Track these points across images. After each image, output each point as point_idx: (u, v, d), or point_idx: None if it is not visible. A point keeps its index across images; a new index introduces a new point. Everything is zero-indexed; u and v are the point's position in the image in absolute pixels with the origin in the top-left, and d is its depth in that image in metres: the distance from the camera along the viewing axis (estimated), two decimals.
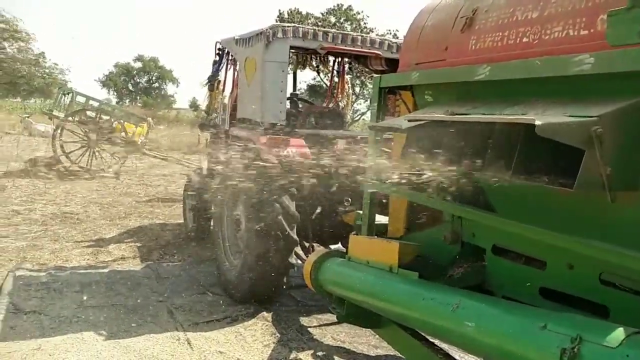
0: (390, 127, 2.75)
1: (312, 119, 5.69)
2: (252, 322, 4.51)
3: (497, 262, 2.44)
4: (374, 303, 2.72)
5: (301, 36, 4.94)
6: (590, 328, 1.56)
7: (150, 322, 4.33)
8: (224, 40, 6.13)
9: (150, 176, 12.77)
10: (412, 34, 3.21)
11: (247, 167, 4.57)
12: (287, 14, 32.08)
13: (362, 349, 4.15)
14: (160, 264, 5.97)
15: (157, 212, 8.67)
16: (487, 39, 2.58)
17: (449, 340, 2.30)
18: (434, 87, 2.90)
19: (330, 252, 3.36)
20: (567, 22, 2.15)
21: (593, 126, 1.73)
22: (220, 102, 6.47)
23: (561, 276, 2.08)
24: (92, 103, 12.81)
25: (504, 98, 2.37)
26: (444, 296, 2.17)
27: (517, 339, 1.73)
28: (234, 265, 5.03)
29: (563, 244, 1.99)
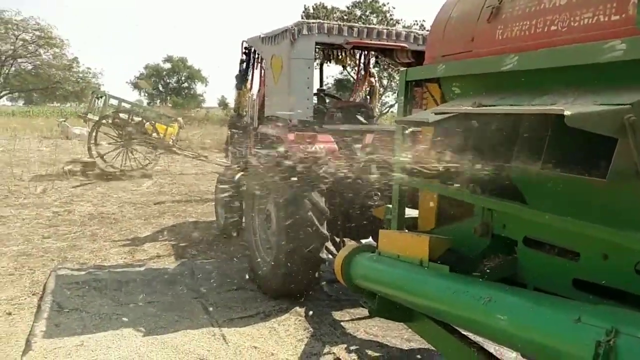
0: (417, 120, 2.73)
1: (339, 114, 5.70)
2: (285, 317, 4.57)
3: (528, 254, 2.41)
4: (405, 297, 2.73)
5: (326, 32, 4.95)
6: (625, 320, 1.53)
7: (186, 318, 4.44)
8: (250, 39, 6.19)
9: (182, 175, 13.01)
10: (438, 25, 3.18)
11: (276, 163, 4.62)
12: (312, 9, 32.05)
13: (395, 342, 4.16)
14: (194, 261, 6.09)
15: (189, 211, 8.84)
16: (514, 28, 2.54)
17: (481, 333, 2.28)
18: (461, 79, 2.87)
19: (361, 247, 3.38)
20: (597, 7, 2.09)
21: (626, 114, 1.69)
22: (249, 101, 6.55)
23: (595, 267, 2.05)
24: (124, 105, 13.11)
25: (532, 88, 2.33)
26: (475, 289, 2.16)
27: (551, 332, 1.72)
28: (265, 261, 5.10)
29: (597, 234, 1.95)
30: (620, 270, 1.94)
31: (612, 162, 1.72)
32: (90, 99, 14.11)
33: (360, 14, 32.78)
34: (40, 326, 4.13)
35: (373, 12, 32.90)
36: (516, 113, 2.06)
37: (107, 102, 13.19)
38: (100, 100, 13.42)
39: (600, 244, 2.02)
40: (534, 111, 1.95)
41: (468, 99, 2.70)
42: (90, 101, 13.94)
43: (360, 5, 33.02)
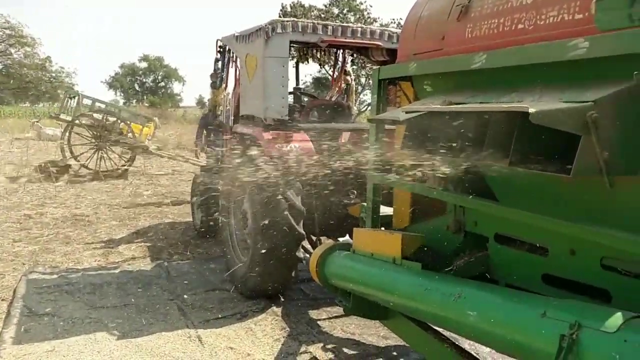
0: (389, 119, 2.74)
1: (315, 113, 5.69)
2: (262, 317, 4.54)
3: (499, 250, 2.44)
4: (378, 295, 2.74)
5: (300, 30, 4.93)
6: (589, 314, 1.56)
7: (162, 320, 4.38)
8: (224, 37, 6.14)
9: (158, 175, 12.85)
10: (409, 24, 3.20)
11: (251, 163, 4.59)
12: (289, 7, 31.97)
13: (371, 340, 4.17)
14: (170, 262, 6.02)
15: (166, 212, 8.74)
16: (483, 26, 2.56)
17: (453, 329, 2.30)
18: (433, 77, 2.89)
19: (335, 245, 3.38)
20: (561, 6, 2.13)
21: (588, 111, 1.72)
22: (224, 100, 6.50)
23: (563, 262, 2.08)
24: (99, 105, 12.89)
25: (501, 86, 2.36)
26: (447, 286, 2.18)
27: (518, 327, 1.74)
28: (242, 261, 5.07)
29: (565, 230, 1.99)
30: (587, 265, 1.97)
31: (576, 158, 1.74)
32: (63, 98, 13.82)
33: (337, 12, 32.81)
34: (9, 332, 4.03)
35: (350, 10, 32.98)
36: (484, 111, 2.07)
37: (80, 102, 12.95)
38: (73, 100, 13.16)
39: (567, 240, 2.06)
40: (499, 109, 1.97)
41: (439, 97, 2.72)
42: (63, 101, 13.65)
43: (337, 3, 33.06)
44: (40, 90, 39.92)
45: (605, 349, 1.43)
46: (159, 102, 45.87)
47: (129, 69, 52.91)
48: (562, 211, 2.07)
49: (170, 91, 54.67)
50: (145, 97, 51.34)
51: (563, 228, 1.98)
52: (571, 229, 1.96)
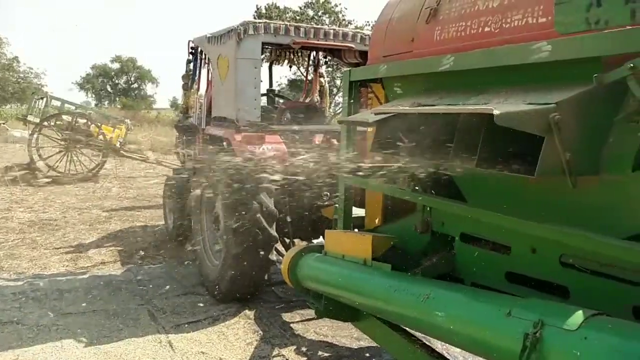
0: (359, 121, 2.74)
1: (288, 115, 5.67)
2: (235, 321, 4.50)
3: (465, 250, 2.47)
4: (349, 297, 2.74)
5: (273, 32, 4.92)
6: (552, 312, 1.58)
7: (132, 326, 4.30)
8: (196, 38, 6.08)
9: (130, 178, 12.64)
10: (380, 26, 3.21)
11: (223, 165, 4.55)
12: (264, 9, 31.87)
13: (344, 342, 4.17)
14: (141, 266, 5.92)
15: (137, 215, 8.59)
16: (451, 29, 2.59)
17: (422, 330, 2.32)
18: (402, 79, 2.91)
19: (307, 248, 3.37)
20: (526, 10, 2.16)
21: (551, 113, 1.75)
22: (196, 102, 6.43)
23: (525, 260, 2.12)
24: (68, 107, 12.61)
25: (468, 88, 2.39)
26: (415, 287, 2.19)
27: (484, 327, 1.76)
28: (215, 264, 5.02)
29: (525, 229, 2.02)
30: (547, 263, 2.01)
31: (539, 159, 1.77)
32: (31, 100, 13.47)
33: (312, 14, 32.85)
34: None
35: (325, 13, 33.03)
36: (450, 112, 2.09)
37: (49, 104, 12.64)
38: (41, 101, 12.84)
39: (529, 238, 2.09)
40: (464, 111, 1.99)
41: (409, 98, 2.74)
42: (30, 102, 13.30)
43: (312, 5, 33.09)
44: (8, 91, 38.83)
45: (567, 346, 1.46)
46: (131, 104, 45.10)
47: (100, 70, 51.87)
48: (527, 211, 2.10)
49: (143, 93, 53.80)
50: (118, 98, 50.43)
51: (524, 227, 2.01)
52: (531, 227, 1.99)
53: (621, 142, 1.80)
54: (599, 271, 1.90)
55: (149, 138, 19.59)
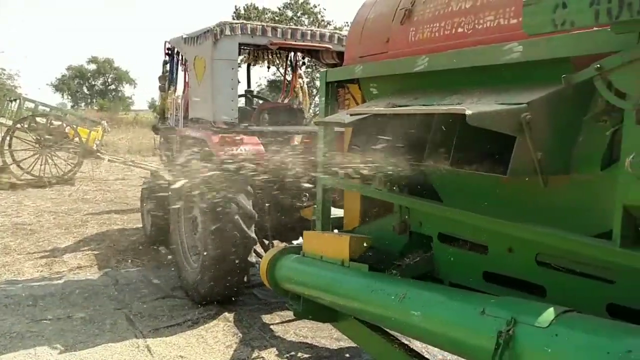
0: (334, 121, 2.74)
1: (266, 116, 5.65)
2: (214, 324, 4.46)
3: (443, 250, 2.49)
4: (327, 298, 2.74)
5: (249, 33, 4.89)
6: (524, 310, 1.60)
7: (108, 331, 4.23)
8: (172, 39, 6.02)
9: (107, 181, 12.46)
10: (356, 27, 3.22)
11: (200, 167, 4.51)
12: (243, 9, 31.72)
13: (324, 342, 4.17)
14: (118, 270, 5.83)
15: (115, 218, 8.47)
16: (425, 30, 2.61)
17: (399, 330, 2.33)
18: (378, 79, 2.92)
19: (285, 249, 3.36)
20: (497, 11, 2.19)
21: (522, 113, 1.77)
22: (173, 103, 6.36)
23: (502, 259, 2.14)
24: (42, 108, 12.37)
25: (443, 88, 2.41)
26: (392, 287, 2.20)
27: (458, 325, 1.77)
28: (193, 267, 4.97)
29: (502, 228, 2.04)
30: (523, 262, 2.04)
31: (511, 159, 1.79)
32: (3, 102, 13.16)
33: (291, 15, 32.80)
34: None
35: (304, 14, 33.01)
36: (424, 113, 2.10)
37: (22, 105, 12.37)
38: (14, 103, 12.56)
39: (505, 238, 2.11)
40: (437, 111, 2.01)
41: (384, 99, 2.75)
42: (2, 104, 12.99)
43: (291, 6, 33.04)
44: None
45: (538, 343, 1.48)
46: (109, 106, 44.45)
47: (76, 71, 51.04)
48: (501, 210, 2.12)
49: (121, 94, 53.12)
50: (95, 100, 49.70)
51: (501, 227, 2.03)
52: (508, 227, 2.01)
53: (590, 141, 1.83)
54: (573, 270, 1.93)
55: (127, 140, 19.35)
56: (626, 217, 1.54)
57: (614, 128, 1.72)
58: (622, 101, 1.50)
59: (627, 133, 1.52)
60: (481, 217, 2.07)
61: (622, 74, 1.48)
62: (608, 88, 1.55)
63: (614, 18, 1.18)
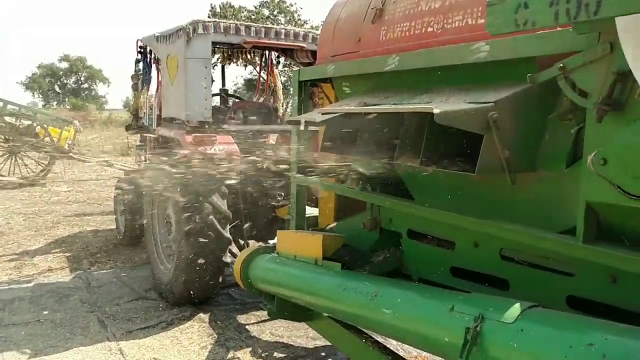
0: (307, 120, 2.74)
1: (240, 115, 5.61)
2: (189, 325, 4.42)
3: (412, 246, 2.51)
4: (301, 297, 2.73)
5: (223, 31, 4.85)
6: (491, 306, 1.63)
7: (80, 334, 4.15)
8: (144, 37, 5.94)
9: (80, 181, 12.22)
10: (328, 26, 3.22)
11: (174, 167, 4.46)
12: (219, 7, 31.46)
13: (300, 342, 4.17)
14: (90, 272, 5.73)
15: (87, 219, 8.32)
16: (396, 29, 2.62)
17: (371, 328, 2.34)
18: (350, 79, 2.93)
19: (259, 249, 3.34)
20: (466, 11, 2.21)
21: (489, 112, 1.79)
22: (146, 102, 6.28)
23: (468, 255, 2.17)
24: (11, 107, 12.06)
25: (413, 87, 2.42)
26: (364, 285, 2.21)
27: (428, 322, 1.79)
28: (167, 268, 4.91)
29: (468, 224, 2.07)
30: (488, 257, 2.07)
31: (479, 157, 1.81)
32: None
33: (268, 13, 32.65)
34: None
35: (281, 12, 32.90)
36: (395, 112, 2.11)
37: None
38: None
39: (471, 234, 2.14)
40: (406, 110, 2.02)
41: (356, 98, 2.76)
42: None
43: (267, 4, 32.89)
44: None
45: (505, 339, 1.50)
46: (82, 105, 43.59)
47: (47, 70, 49.94)
48: (470, 207, 2.15)
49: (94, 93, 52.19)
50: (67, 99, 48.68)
51: (466, 223, 2.05)
52: (472, 223, 2.04)
53: (555, 139, 1.86)
54: (535, 263, 1.97)
55: (100, 139, 19.01)
56: (588, 213, 1.58)
57: (578, 126, 1.75)
58: (584, 100, 1.54)
59: (589, 131, 1.55)
60: (447, 214, 2.09)
61: (584, 73, 1.52)
62: (571, 87, 1.59)
63: (573, 18, 1.21)
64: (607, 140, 1.46)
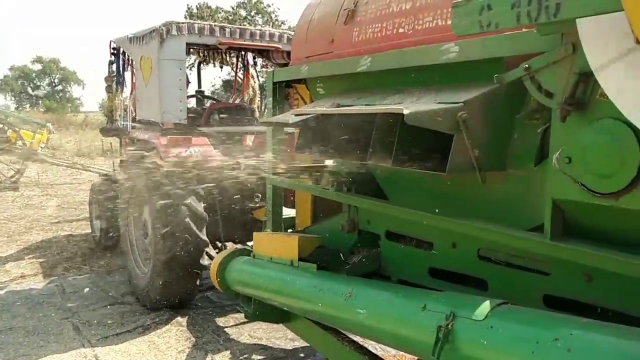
0: (279, 121, 2.74)
1: (216, 116, 5.57)
2: (166, 329, 4.38)
3: (390, 247, 2.52)
4: (277, 299, 2.72)
5: (197, 32, 4.82)
6: (463, 304, 1.64)
7: (54, 342, 4.08)
8: (117, 39, 5.86)
9: (54, 185, 11.99)
10: (301, 27, 3.22)
11: (149, 169, 4.41)
12: (196, 8, 31.22)
13: (279, 343, 4.16)
14: (65, 278, 5.63)
15: (62, 224, 8.17)
16: (368, 30, 2.63)
17: (346, 328, 2.34)
18: (324, 79, 2.93)
19: (236, 251, 3.32)
20: (435, 12, 2.23)
21: (458, 112, 1.81)
22: (121, 104, 6.20)
23: (446, 255, 2.19)
24: None
25: (386, 88, 2.44)
26: (339, 286, 2.21)
27: (401, 321, 1.80)
28: (144, 272, 4.85)
29: (445, 225, 2.08)
30: (466, 257, 2.09)
31: (449, 157, 1.83)
32: None
33: (245, 14, 32.50)
34: None
35: (258, 13, 32.78)
36: (364, 113, 2.12)
37: None
38: None
39: (449, 234, 2.16)
40: (376, 111, 2.04)
41: (330, 99, 2.76)
42: None
43: (245, 5, 32.74)
44: None
45: (475, 336, 1.52)
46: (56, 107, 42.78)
47: (20, 71, 48.86)
48: (444, 207, 2.17)
49: (69, 95, 51.25)
50: (41, 101, 47.71)
51: (443, 223, 2.07)
52: (450, 223, 2.05)
53: (524, 138, 1.89)
54: (512, 263, 1.99)
55: (75, 142, 18.69)
56: (555, 211, 1.60)
57: (545, 126, 1.78)
58: (549, 100, 1.56)
59: (554, 131, 1.58)
60: (425, 214, 2.11)
61: (548, 73, 1.54)
62: (537, 87, 1.61)
63: (534, 20, 1.23)
64: (571, 140, 1.48)
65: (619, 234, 1.55)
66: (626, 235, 1.52)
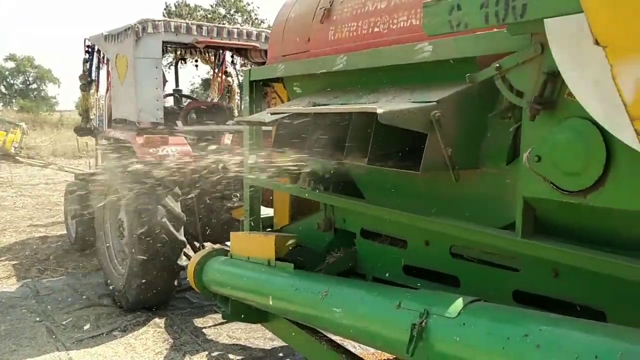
0: (255, 120, 2.72)
1: (194, 115, 5.53)
2: (144, 331, 4.33)
3: (365, 245, 2.53)
4: (254, 299, 2.71)
5: (173, 30, 4.77)
6: (436, 302, 1.66)
7: (27, 345, 4.00)
8: (92, 37, 5.77)
9: (28, 186, 11.75)
10: (278, 26, 3.21)
11: (125, 169, 4.35)
12: (174, 6, 30.89)
13: (258, 343, 4.15)
14: (39, 280, 5.52)
15: (36, 225, 8.01)
16: (344, 29, 2.63)
17: (323, 327, 2.34)
18: (300, 78, 2.92)
19: (213, 251, 3.30)
20: (410, 11, 2.25)
21: (432, 111, 1.83)
22: (96, 103, 6.10)
23: (420, 253, 2.20)
24: None
25: (361, 87, 2.44)
26: (315, 285, 2.21)
27: (376, 319, 1.81)
28: (121, 273, 4.79)
29: (419, 223, 2.10)
30: (439, 254, 2.11)
31: (423, 155, 1.85)
32: None
33: (224, 12, 32.26)
34: None
35: (237, 11, 32.57)
36: (339, 112, 2.12)
37: None
38: None
39: (422, 232, 2.18)
40: (350, 110, 2.04)
41: (307, 98, 2.76)
42: None
43: (224, 3, 32.49)
44: None
45: (448, 333, 1.53)
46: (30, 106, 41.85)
47: None
48: (419, 205, 2.19)
49: (44, 94, 50.15)
50: (14, 100, 46.63)
51: (417, 221, 2.09)
52: (423, 221, 2.07)
53: (496, 137, 1.91)
54: (483, 260, 2.02)
55: (50, 142, 18.34)
56: (526, 208, 1.63)
57: (517, 124, 1.81)
58: (519, 99, 1.59)
59: (525, 129, 1.60)
60: (399, 213, 2.12)
61: (518, 73, 1.57)
62: (507, 87, 1.63)
63: (502, 20, 1.24)
64: (541, 138, 1.51)
65: (587, 232, 1.58)
66: (594, 233, 1.55)
